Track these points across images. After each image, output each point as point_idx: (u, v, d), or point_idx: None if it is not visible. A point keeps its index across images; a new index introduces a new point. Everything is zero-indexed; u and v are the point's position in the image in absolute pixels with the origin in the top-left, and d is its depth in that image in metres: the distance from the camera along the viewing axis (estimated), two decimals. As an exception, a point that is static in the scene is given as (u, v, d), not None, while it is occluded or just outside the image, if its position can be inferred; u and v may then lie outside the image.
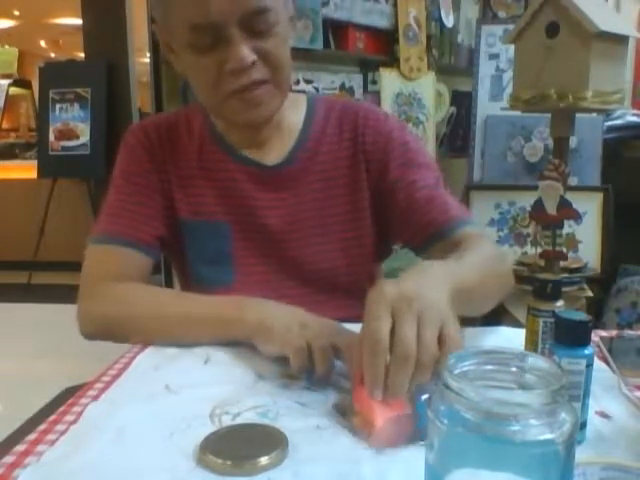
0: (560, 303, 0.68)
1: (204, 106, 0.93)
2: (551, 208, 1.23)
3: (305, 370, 0.69)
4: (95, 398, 0.67)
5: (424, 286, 0.61)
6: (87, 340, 0.85)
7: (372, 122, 0.97)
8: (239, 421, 0.62)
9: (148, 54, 3.37)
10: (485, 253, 0.85)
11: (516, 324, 0.95)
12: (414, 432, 0.57)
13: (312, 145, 0.97)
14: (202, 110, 0.98)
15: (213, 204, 0.95)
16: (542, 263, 1.45)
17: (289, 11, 0.88)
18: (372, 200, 0.97)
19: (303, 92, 1.15)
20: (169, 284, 2.80)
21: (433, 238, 0.91)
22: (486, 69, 2.52)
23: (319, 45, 2.61)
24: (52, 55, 9.18)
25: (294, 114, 0.98)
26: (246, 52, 0.80)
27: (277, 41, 0.83)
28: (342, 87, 2.76)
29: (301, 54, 2.41)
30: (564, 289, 0.70)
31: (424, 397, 0.63)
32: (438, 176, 0.98)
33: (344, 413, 0.62)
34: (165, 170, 0.95)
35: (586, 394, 0.57)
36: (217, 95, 0.85)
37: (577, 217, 1.25)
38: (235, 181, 0.95)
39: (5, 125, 6.09)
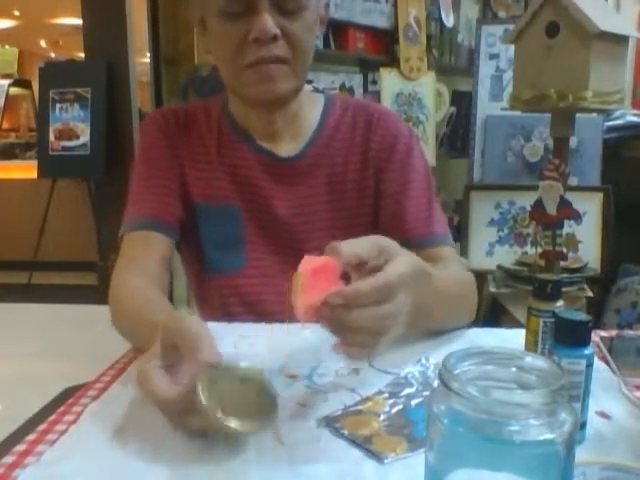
0: (560, 303, 0.67)
1: (224, 90, 0.96)
2: (551, 208, 1.23)
3: None
4: (95, 398, 0.67)
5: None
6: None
7: (383, 123, 1.00)
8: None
9: (148, 54, 3.37)
10: (449, 276, 0.87)
11: (516, 324, 0.95)
12: None
13: (325, 142, 0.99)
14: (221, 102, 1.01)
15: (226, 189, 0.98)
16: (542, 263, 1.44)
17: (320, 8, 0.91)
18: (374, 198, 1.00)
19: (322, 92, 1.17)
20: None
21: (410, 248, 0.93)
22: (486, 69, 2.51)
23: (319, 45, 2.61)
24: (52, 55, 9.17)
25: (310, 111, 1.00)
26: (270, 24, 0.83)
27: (303, 25, 0.86)
28: (342, 87, 2.76)
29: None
30: (564, 289, 0.69)
31: (414, 402, 0.63)
32: (431, 188, 1.00)
33: (334, 427, 0.61)
34: (181, 155, 0.98)
35: (586, 394, 0.57)
36: (236, 65, 0.87)
37: (577, 217, 1.25)
38: (249, 169, 0.98)
39: (5, 125, 6.07)
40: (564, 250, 1.30)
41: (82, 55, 3.97)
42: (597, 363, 0.64)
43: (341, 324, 0.56)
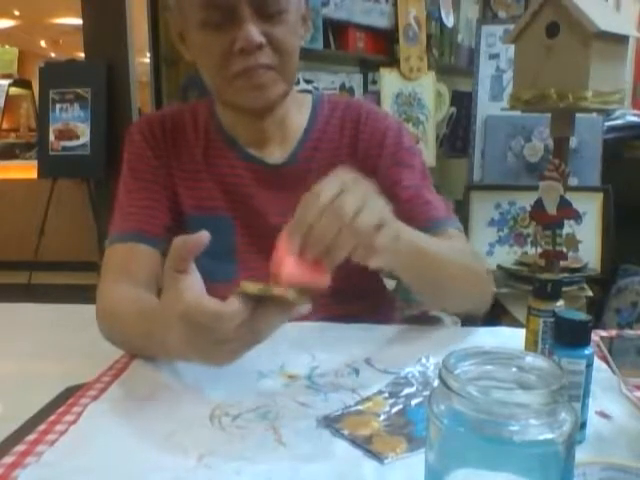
0: (560, 303, 0.68)
1: (211, 94, 0.95)
2: (551, 208, 1.23)
3: None
4: (95, 398, 0.67)
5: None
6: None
7: (371, 120, 0.98)
8: (239, 423, 0.62)
9: (148, 54, 3.37)
10: (457, 247, 0.88)
11: (516, 324, 0.95)
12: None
13: (314, 144, 0.98)
14: (209, 106, 0.99)
15: (217, 199, 0.96)
16: (542, 263, 1.45)
17: (301, 8, 0.90)
18: None
19: (309, 92, 1.15)
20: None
21: None
22: (486, 69, 2.51)
23: (319, 45, 2.62)
24: (52, 55, 9.17)
25: (299, 114, 0.99)
26: (255, 33, 0.82)
27: (286, 28, 0.86)
28: (342, 87, 2.76)
29: (301, 54, 2.41)
30: (564, 289, 0.70)
31: (414, 402, 0.63)
32: (426, 178, 0.99)
33: (334, 427, 0.61)
34: (169, 165, 0.97)
35: (586, 394, 0.57)
36: (224, 76, 0.86)
37: (577, 217, 1.25)
38: (239, 177, 0.96)
39: (5, 125, 6.08)
40: (564, 250, 1.30)
41: (82, 55, 3.98)
42: (597, 363, 0.64)
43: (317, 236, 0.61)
